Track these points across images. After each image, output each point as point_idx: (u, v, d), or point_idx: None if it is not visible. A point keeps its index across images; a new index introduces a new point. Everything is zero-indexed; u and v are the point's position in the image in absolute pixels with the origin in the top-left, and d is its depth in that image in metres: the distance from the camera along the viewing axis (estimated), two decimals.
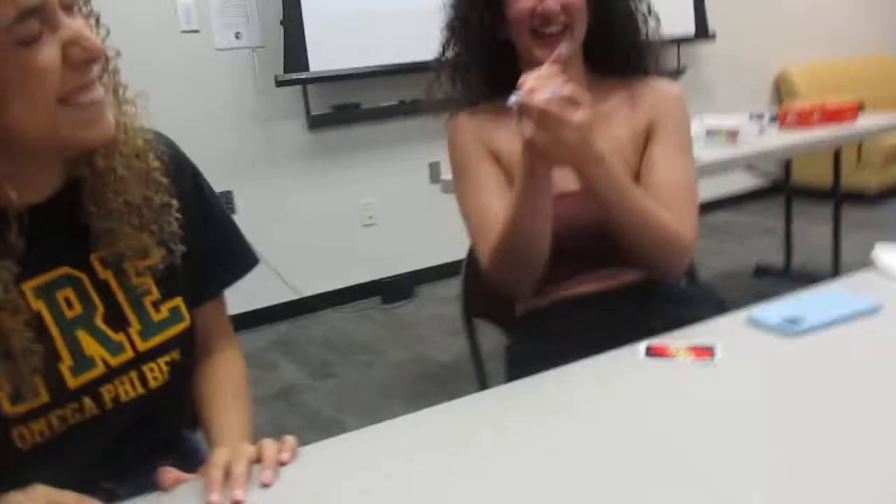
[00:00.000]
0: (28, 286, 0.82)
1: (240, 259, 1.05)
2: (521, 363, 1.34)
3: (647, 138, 1.32)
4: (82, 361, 0.84)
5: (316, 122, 3.90)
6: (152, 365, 0.90)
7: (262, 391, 2.99)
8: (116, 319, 0.88)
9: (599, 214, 1.18)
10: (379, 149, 4.12)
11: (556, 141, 1.02)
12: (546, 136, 1.02)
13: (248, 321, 3.62)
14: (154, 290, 0.92)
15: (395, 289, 4.11)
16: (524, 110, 1.01)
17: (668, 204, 1.22)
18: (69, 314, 0.85)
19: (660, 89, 1.35)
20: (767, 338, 1.05)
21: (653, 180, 1.28)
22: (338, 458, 0.85)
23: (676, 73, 1.23)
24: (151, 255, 0.91)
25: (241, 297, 1.14)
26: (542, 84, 1.01)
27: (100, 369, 0.85)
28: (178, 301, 0.95)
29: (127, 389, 0.88)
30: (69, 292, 0.85)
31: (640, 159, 1.32)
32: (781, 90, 5.40)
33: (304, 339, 3.63)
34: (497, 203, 1.26)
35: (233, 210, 3.79)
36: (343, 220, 4.09)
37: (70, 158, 0.86)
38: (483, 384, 1.53)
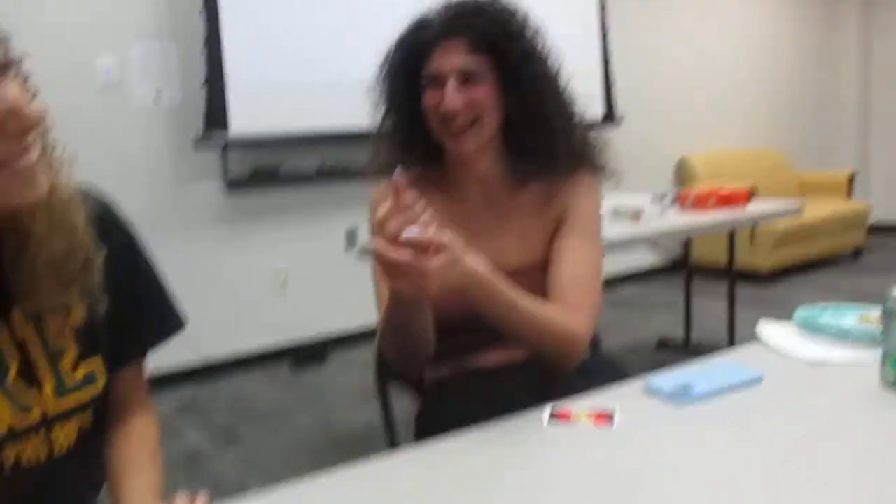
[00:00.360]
0: None
1: (166, 321, 1.05)
2: (429, 429, 1.36)
3: (556, 228, 1.37)
4: None
5: (233, 185, 3.89)
6: (64, 426, 0.88)
7: (166, 457, 2.84)
8: (29, 377, 0.86)
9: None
10: (296, 213, 4.14)
11: (417, 285, 1.01)
12: (406, 283, 1.01)
13: (153, 384, 3.48)
14: (73, 350, 0.90)
15: (307, 353, 4.07)
16: (380, 261, 0.99)
17: (565, 295, 1.28)
18: None
19: (576, 180, 1.38)
20: (661, 405, 1.12)
21: (556, 272, 1.32)
22: None
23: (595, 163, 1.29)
24: (72, 313, 0.90)
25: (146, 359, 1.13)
26: (398, 225, 0.97)
27: (1, 430, 0.83)
28: (96, 362, 0.93)
29: (29, 456, 0.85)
30: None
31: (550, 247, 1.36)
32: (682, 174, 5.75)
33: (211, 404, 3.53)
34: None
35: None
36: (256, 284, 4.05)
37: None
38: (393, 447, 1.54)
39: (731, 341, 3.67)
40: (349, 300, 4.23)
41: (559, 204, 1.37)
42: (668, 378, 1.19)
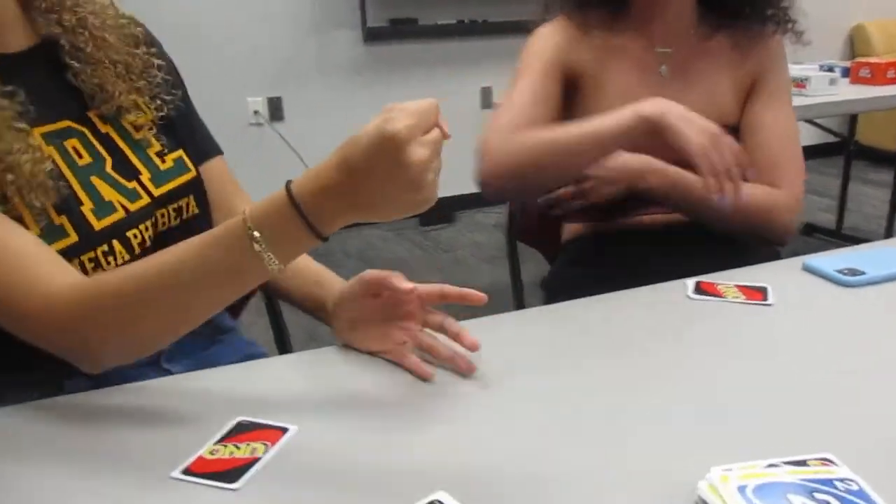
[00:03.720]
0: (38, 131, 0.82)
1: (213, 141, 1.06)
2: (561, 289, 1.33)
3: (749, 91, 1.28)
4: (102, 205, 0.84)
5: (372, 35, 3.83)
6: (164, 211, 0.91)
7: None
8: (126, 169, 0.88)
9: (664, 150, 1.14)
10: (432, 68, 4.05)
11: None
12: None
13: None
14: (155, 142, 0.93)
15: (435, 212, 4.09)
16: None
17: (775, 164, 1.21)
18: (80, 162, 0.85)
19: (767, 39, 1.28)
20: (822, 285, 1.02)
21: (759, 143, 1.24)
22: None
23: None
24: (145, 111, 0.93)
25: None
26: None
27: (120, 213, 0.85)
28: (180, 153, 0.95)
29: (150, 235, 0.88)
30: (76, 142, 0.86)
31: (740, 110, 1.28)
32: (856, 45, 5.15)
33: (341, 252, 3.65)
34: (538, 109, 1.22)
35: (281, 117, 3.78)
36: None
37: (34, 17, 0.86)
38: (520, 307, 1.52)
39: (889, 233, 3.37)
40: None
41: (752, 64, 1.28)
42: (830, 259, 1.07)
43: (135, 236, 0.86)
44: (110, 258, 0.83)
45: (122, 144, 0.90)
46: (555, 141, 1.14)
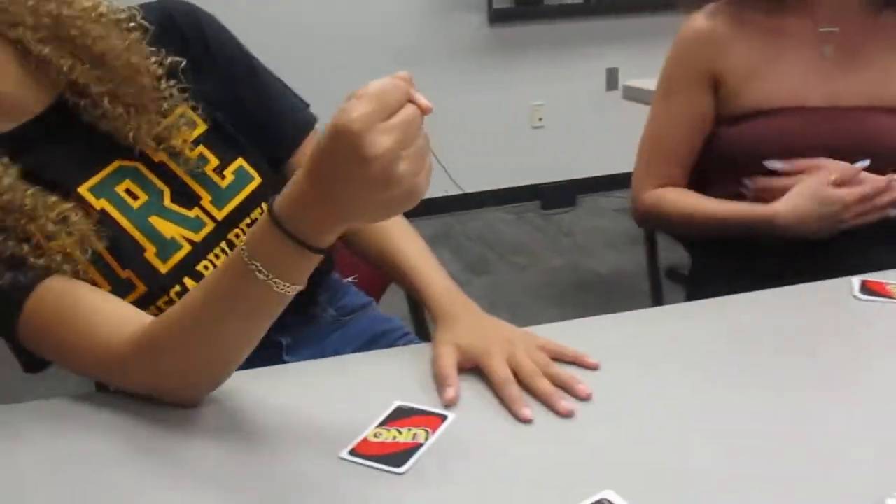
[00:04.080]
0: (83, 188, 0.80)
1: (300, 117, 0.97)
2: (705, 282, 1.28)
3: None
4: (165, 245, 0.82)
5: (496, 17, 3.81)
6: (237, 231, 0.88)
7: None
8: (186, 196, 0.85)
9: (834, 136, 1.11)
10: (557, 49, 3.99)
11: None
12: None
13: (411, 210, 3.71)
14: (212, 157, 0.87)
15: (556, 195, 4.05)
16: None
17: None
18: (135, 204, 0.83)
19: None
20: None
21: None
22: None
23: None
24: (197, 122, 0.87)
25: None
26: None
27: (186, 248, 0.83)
28: (239, 162, 0.89)
29: (223, 259, 0.86)
30: (128, 184, 0.83)
31: None
32: None
33: (463, 234, 3.68)
34: (681, 144, 1.24)
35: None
36: (512, 120, 4.03)
37: (45, 84, 0.81)
38: (658, 300, 1.48)
39: None
40: (603, 143, 4.09)
41: None
42: None
43: (206, 268, 0.85)
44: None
45: (178, 171, 0.85)
46: (689, 218, 1.21)
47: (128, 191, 0.83)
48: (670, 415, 0.71)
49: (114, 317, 0.75)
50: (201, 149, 0.86)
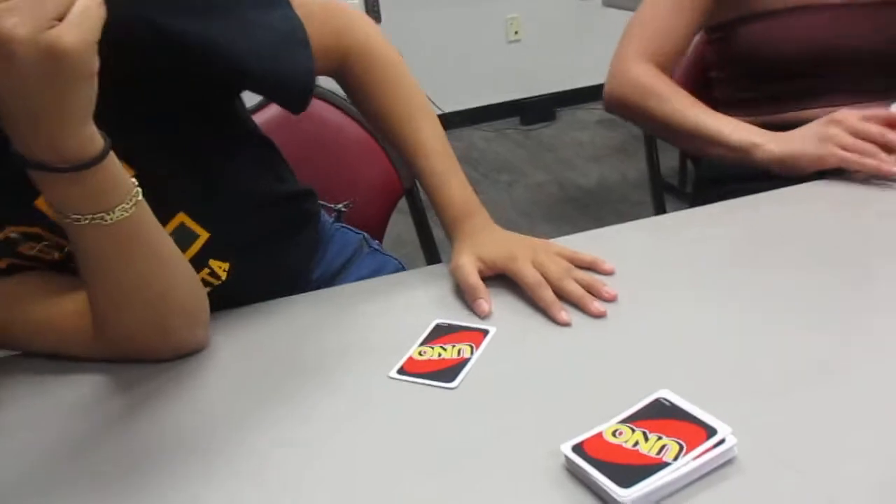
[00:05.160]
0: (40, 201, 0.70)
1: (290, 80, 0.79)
2: (709, 182, 1.28)
3: None
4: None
5: None
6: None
7: None
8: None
9: (864, 35, 1.07)
10: None
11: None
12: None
13: None
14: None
15: (536, 110, 4.01)
16: None
17: None
18: None
19: None
20: None
21: None
22: None
23: None
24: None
25: None
26: None
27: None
28: (180, 218, 0.78)
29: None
30: None
31: None
32: None
33: None
34: (673, 24, 1.14)
35: (378, 18, 3.72)
36: (487, 35, 3.95)
37: None
38: (661, 208, 1.48)
39: None
40: (581, 55, 4.04)
41: None
42: None
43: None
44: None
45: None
46: (666, 118, 1.08)
47: None
48: (700, 313, 0.71)
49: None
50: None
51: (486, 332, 0.71)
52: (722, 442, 0.51)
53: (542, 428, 0.58)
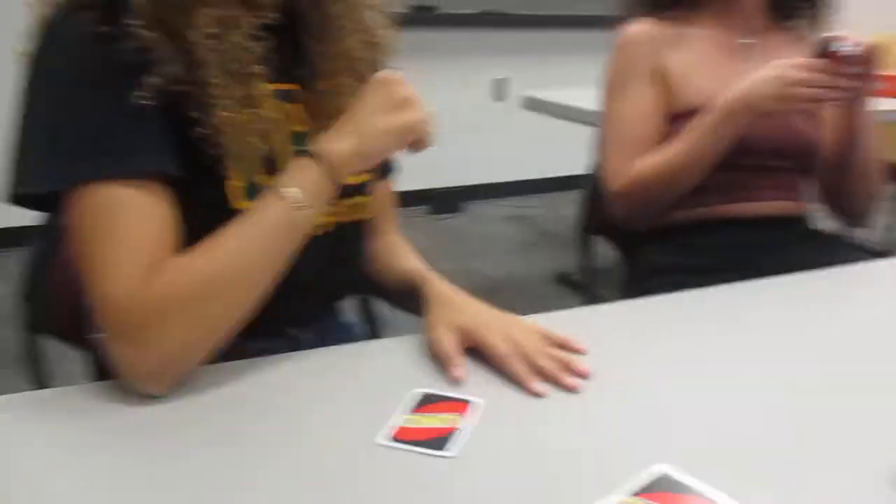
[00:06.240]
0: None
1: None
2: (638, 282, 1.34)
3: None
4: None
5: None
6: (341, 202, 0.85)
7: None
8: None
9: (782, 133, 1.21)
10: (447, 56, 4.04)
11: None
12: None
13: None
14: None
15: (444, 200, 4.10)
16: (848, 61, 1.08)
17: None
18: (295, 128, 0.83)
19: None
20: None
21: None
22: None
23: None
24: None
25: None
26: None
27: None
28: None
29: (325, 221, 0.84)
30: (297, 109, 0.83)
31: None
32: None
33: None
34: (646, 133, 1.27)
35: None
36: None
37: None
38: (593, 298, 1.53)
39: None
40: (490, 152, 4.20)
41: None
42: None
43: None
44: None
45: (329, 123, 0.84)
46: (668, 167, 1.21)
47: (291, 114, 0.82)
48: (676, 388, 0.74)
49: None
50: None
51: (471, 403, 0.70)
52: None
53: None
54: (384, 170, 1.03)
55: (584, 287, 1.57)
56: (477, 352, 0.79)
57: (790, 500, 0.57)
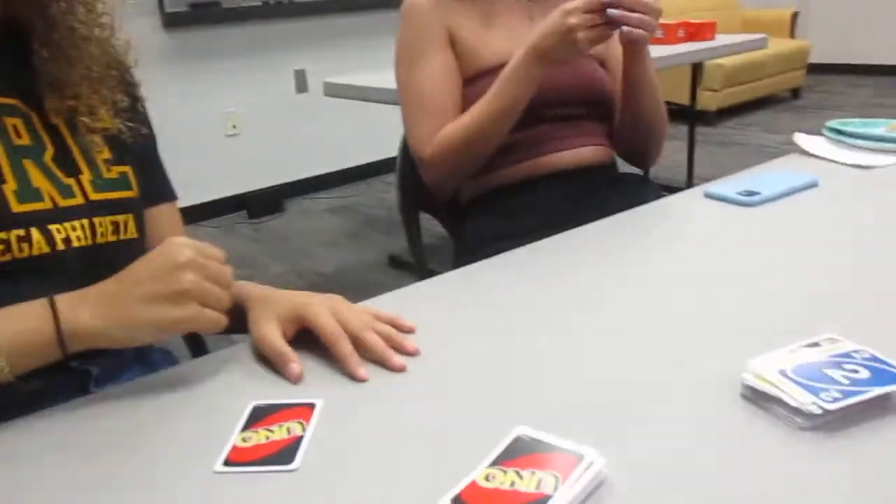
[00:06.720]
0: None
1: (168, 186, 1.00)
2: (471, 248, 1.34)
3: None
4: (28, 190, 0.76)
5: (171, 21, 3.60)
6: (103, 220, 0.82)
7: None
8: (67, 164, 0.81)
9: (577, 81, 1.24)
10: (241, 54, 3.88)
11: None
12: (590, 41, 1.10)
13: None
14: (105, 149, 0.85)
15: (263, 202, 3.96)
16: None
17: None
18: (17, 141, 0.77)
19: None
20: (726, 208, 1.12)
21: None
22: None
23: None
24: (103, 119, 0.84)
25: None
26: None
27: (47, 204, 0.78)
28: (127, 169, 0.87)
29: (79, 235, 0.80)
30: (18, 122, 0.78)
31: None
32: None
33: None
34: (446, 97, 1.27)
35: None
36: (206, 130, 3.84)
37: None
38: (425, 274, 1.51)
39: (690, 179, 3.75)
40: (303, 146, 4.10)
41: None
42: (728, 184, 1.18)
43: (58, 231, 0.78)
44: (24, 244, 0.75)
45: (69, 140, 0.82)
46: (477, 125, 1.21)
47: (14, 127, 0.78)
48: (513, 349, 0.73)
49: None
50: (98, 138, 0.84)
51: (313, 406, 0.65)
52: (591, 465, 0.51)
53: (403, 493, 0.53)
54: (161, 195, 0.97)
55: (417, 266, 1.55)
56: (313, 351, 0.74)
57: (644, 434, 0.57)
